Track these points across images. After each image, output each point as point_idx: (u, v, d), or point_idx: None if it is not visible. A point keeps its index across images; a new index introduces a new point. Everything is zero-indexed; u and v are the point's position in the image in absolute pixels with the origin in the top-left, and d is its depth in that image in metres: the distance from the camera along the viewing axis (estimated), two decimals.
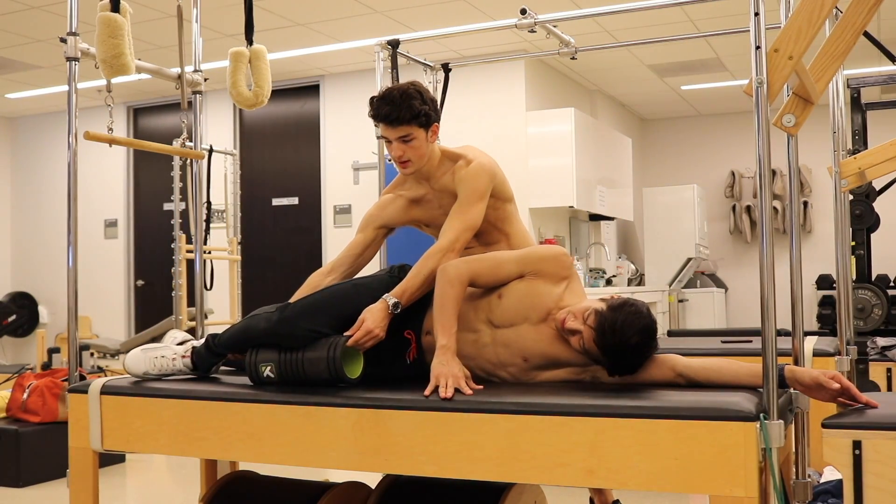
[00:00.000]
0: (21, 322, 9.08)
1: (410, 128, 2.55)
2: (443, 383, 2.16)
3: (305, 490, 2.77)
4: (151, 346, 2.61)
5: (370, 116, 2.60)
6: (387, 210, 2.84)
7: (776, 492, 1.88)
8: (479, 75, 7.12)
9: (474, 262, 2.40)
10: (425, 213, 2.77)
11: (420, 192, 2.76)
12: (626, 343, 2.18)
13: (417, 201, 2.77)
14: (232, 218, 7.61)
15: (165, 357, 2.58)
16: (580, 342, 2.23)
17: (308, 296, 2.49)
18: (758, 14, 1.94)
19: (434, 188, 2.72)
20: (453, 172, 2.66)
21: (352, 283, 2.50)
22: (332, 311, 2.39)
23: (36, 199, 9.32)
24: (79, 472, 2.55)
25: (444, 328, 2.28)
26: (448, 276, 2.34)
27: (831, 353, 3.24)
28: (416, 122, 2.55)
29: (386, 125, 2.56)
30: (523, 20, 3.74)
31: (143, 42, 6.37)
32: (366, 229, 2.87)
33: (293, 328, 2.35)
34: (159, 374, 2.58)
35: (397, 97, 2.53)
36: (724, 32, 4.26)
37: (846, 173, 3.55)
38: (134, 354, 2.59)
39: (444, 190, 2.68)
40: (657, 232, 8.76)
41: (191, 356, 2.59)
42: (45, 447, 4.74)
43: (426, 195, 2.75)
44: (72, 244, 2.72)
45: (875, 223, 6.58)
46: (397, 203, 2.82)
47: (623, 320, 2.18)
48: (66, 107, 2.72)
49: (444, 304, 2.30)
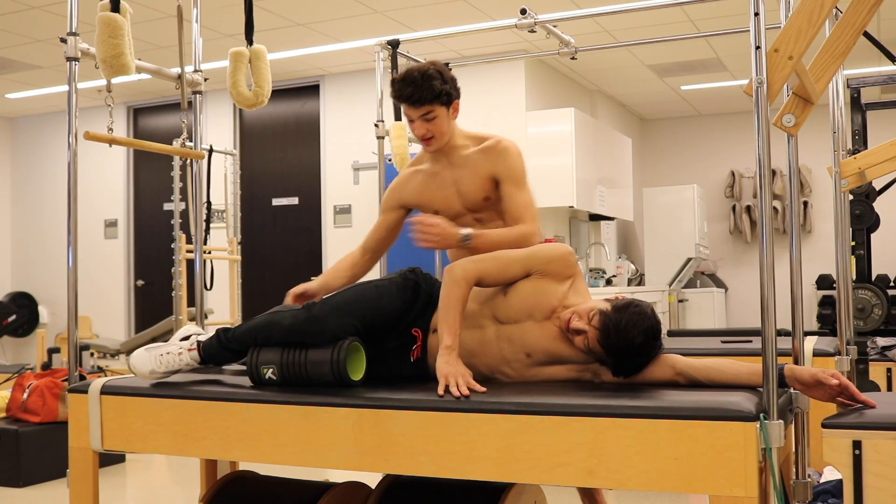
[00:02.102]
0: (21, 322, 9.07)
1: (432, 106, 2.69)
2: (453, 382, 2.17)
3: (305, 490, 2.77)
4: (155, 345, 2.58)
5: (393, 97, 2.74)
6: (406, 188, 2.93)
7: (776, 492, 1.88)
8: (479, 75, 7.12)
9: (482, 261, 2.41)
10: (440, 190, 2.86)
11: (438, 167, 2.86)
12: (631, 344, 2.19)
13: (435, 176, 2.87)
14: (232, 218, 7.61)
15: (171, 353, 2.55)
16: (585, 342, 2.25)
17: (333, 295, 2.49)
18: (758, 14, 1.94)
19: (453, 164, 2.83)
20: (483, 150, 2.78)
21: (373, 284, 2.51)
22: (358, 311, 2.41)
23: (36, 199, 9.32)
24: (79, 472, 2.55)
25: (449, 328, 2.29)
26: (455, 276, 2.35)
27: (831, 353, 3.25)
28: (438, 101, 2.69)
29: (409, 105, 2.70)
30: (523, 20, 3.75)
31: (143, 42, 6.37)
32: (387, 211, 2.98)
33: (323, 326, 2.35)
34: (167, 370, 2.54)
35: (418, 78, 2.66)
36: (724, 32, 4.26)
37: (846, 173, 3.55)
38: (139, 354, 2.56)
39: (465, 166, 2.80)
40: (657, 232, 8.76)
41: (198, 349, 2.55)
42: (45, 447, 4.74)
43: (444, 171, 2.85)
44: (72, 244, 2.72)
45: (875, 223, 6.58)
46: (415, 179, 2.91)
47: (627, 321, 2.19)
48: (66, 107, 2.72)
49: (449, 305, 2.32)
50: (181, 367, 2.56)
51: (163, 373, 2.55)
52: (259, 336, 2.44)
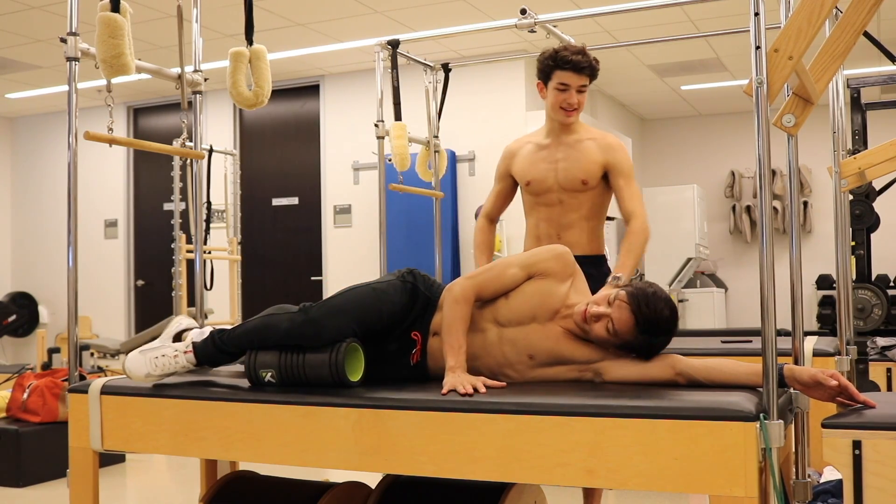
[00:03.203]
0: (21, 322, 9.07)
1: (589, 81, 3.02)
2: (460, 386, 2.17)
3: (305, 490, 2.77)
4: (149, 347, 2.52)
5: (555, 62, 3.00)
6: (515, 157, 3.23)
7: (776, 492, 1.88)
8: (479, 75, 7.12)
9: (478, 275, 2.43)
10: (542, 163, 3.11)
11: (548, 142, 3.14)
12: (660, 315, 2.23)
13: (542, 149, 3.14)
14: (232, 218, 7.61)
15: (166, 356, 2.49)
16: (608, 326, 2.25)
17: (330, 298, 2.46)
18: (758, 14, 1.94)
19: (564, 143, 3.10)
20: (598, 139, 3.08)
21: (370, 286, 2.48)
22: (355, 314, 2.38)
23: (36, 199, 9.32)
24: (79, 472, 2.55)
25: (453, 349, 2.30)
26: (454, 296, 2.36)
27: (831, 353, 3.24)
28: (593, 78, 3.03)
29: (574, 72, 2.98)
30: (523, 20, 3.75)
31: (143, 42, 6.36)
32: (500, 180, 3.30)
33: (320, 329, 2.33)
34: (162, 374, 2.48)
35: (581, 48, 3.01)
36: (724, 32, 4.27)
37: (846, 173, 3.55)
38: (133, 358, 2.49)
39: (573, 146, 3.09)
40: (657, 232, 8.69)
41: (193, 352, 2.50)
42: (45, 447, 4.74)
43: (553, 147, 3.12)
44: (72, 244, 2.72)
45: (875, 223, 6.58)
46: (525, 149, 3.20)
47: (654, 292, 2.26)
48: (66, 107, 2.72)
49: (451, 325, 2.33)
50: (177, 370, 2.51)
51: (158, 376, 2.49)
52: (256, 339, 2.41)
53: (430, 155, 4.39)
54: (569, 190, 3.06)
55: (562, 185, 3.07)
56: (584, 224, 3.10)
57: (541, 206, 3.13)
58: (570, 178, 3.05)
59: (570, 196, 3.06)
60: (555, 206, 3.08)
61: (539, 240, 3.12)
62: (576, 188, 3.06)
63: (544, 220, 3.13)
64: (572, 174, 3.05)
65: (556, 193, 3.08)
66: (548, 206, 3.11)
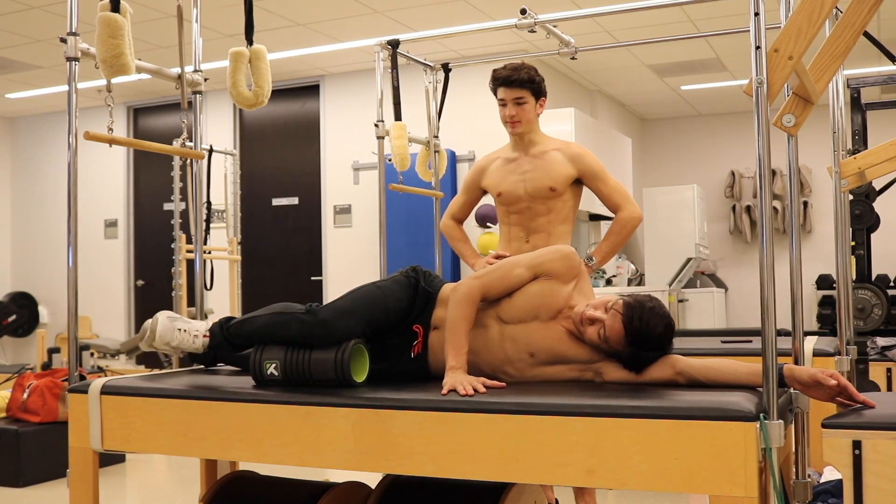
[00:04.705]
0: (21, 322, 9.07)
1: (523, 91, 3.14)
2: (460, 386, 2.17)
3: (305, 490, 2.77)
4: (180, 318, 2.62)
5: (492, 81, 3.18)
6: (485, 171, 3.36)
7: (776, 492, 1.88)
8: (479, 75, 7.10)
9: (485, 275, 2.43)
10: (510, 175, 3.25)
11: (515, 155, 3.28)
12: (652, 332, 2.21)
13: (510, 161, 3.28)
14: (232, 218, 7.61)
15: (188, 332, 2.60)
16: (600, 332, 2.25)
17: (338, 299, 2.49)
18: (758, 14, 1.94)
19: (531, 155, 3.23)
20: (562, 149, 3.20)
21: (375, 285, 2.52)
22: (364, 313, 2.41)
23: (36, 199, 9.32)
24: (79, 472, 2.54)
25: (455, 349, 2.30)
26: (460, 296, 2.36)
27: (831, 353, 3.24)
28: (529, 88, 3.14)
29: (505, 87, 3.15)
30: (523, 20, 3.74)
31: (143, 42, 6.37)
32: (468, 191, 3.47)
33: (331, 331, 2.36)
34: (177, 346, 2.59)
35: (517, 65, 3.15)
36: (724, 32, 4.26)
37: (846, 173, 3.55)
38: (163, 320, 2.60)
39: (538, 157, 3.22)
40: (657, 232, 8.75)
41: (210, 336, 2.60)
42: (45, 447, 4.74)
43: (520, 159, 3.26)
44: (72, 244, 2.72)
45: (875, 223, 6.58)
46: (494, 163, 3.35)
47: (651, 308, 2.24)
48: (66, 107, 2.72)
49: (455, 325, 2.33)
50: (187, 350, 2.61)
51: (172, 347, 2.59)
52: (266, 337, 2.45)
53: (430, 155, 4.39)
54: (537, 198, 3.22)
55: (530, 194, 3.22)
56: (551, 228, 3.25)
57: (512, 213, 3.31)
58: (539, 187, 3.20)
59: (539, 203, 3.23)
60: (524, 213, 3.25)
61: (510, 242, 3.31)
62: (544, 195, 3.21)
63: (515, 225, 3.31)
64: (541, 183, 3.20)
65: (526, 202, 3.24)
66: (518, 213, 3.29)
